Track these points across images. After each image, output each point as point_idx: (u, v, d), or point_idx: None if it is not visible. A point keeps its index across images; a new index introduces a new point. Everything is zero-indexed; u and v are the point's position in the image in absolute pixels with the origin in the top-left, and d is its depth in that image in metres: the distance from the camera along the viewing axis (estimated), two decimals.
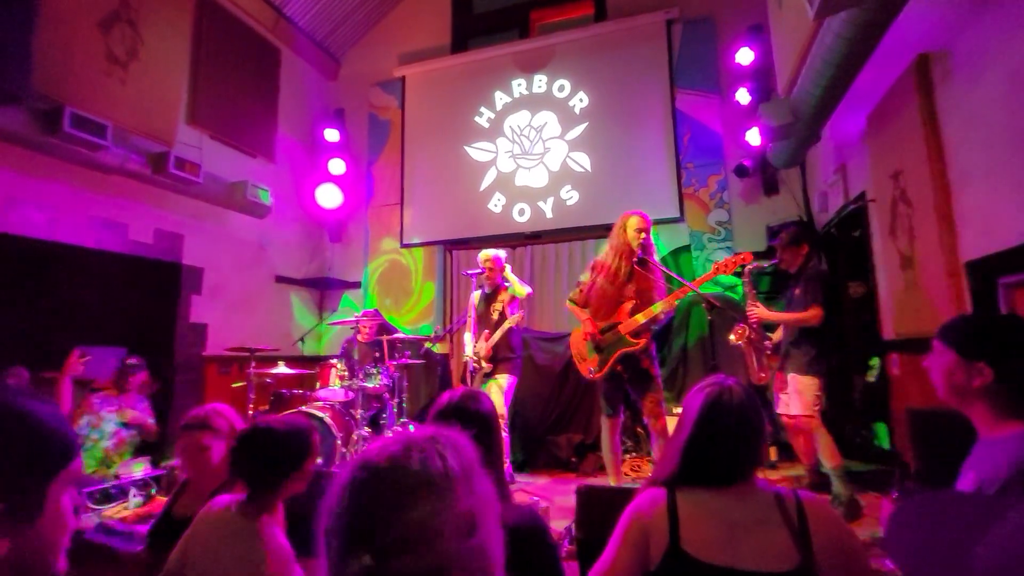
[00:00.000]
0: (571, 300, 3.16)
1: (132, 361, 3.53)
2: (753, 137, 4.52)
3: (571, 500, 2.06)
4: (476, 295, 3.53)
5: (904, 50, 2.76)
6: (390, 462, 0.59)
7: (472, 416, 1.35)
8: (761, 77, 4.67)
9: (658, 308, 2.83)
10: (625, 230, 2.95)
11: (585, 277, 3.09)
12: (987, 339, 1.05)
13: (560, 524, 2.56)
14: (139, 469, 3.22)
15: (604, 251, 3.08)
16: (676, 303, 2.89)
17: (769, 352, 3.07)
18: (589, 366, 2.99)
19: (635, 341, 2.83)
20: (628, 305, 2.89)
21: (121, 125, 3.81)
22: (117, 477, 3.16)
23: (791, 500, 1.03)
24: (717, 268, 2.90)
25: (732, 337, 3.03)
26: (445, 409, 1.39)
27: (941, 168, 2.55)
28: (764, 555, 0.96)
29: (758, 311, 3.00)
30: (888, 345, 3.36)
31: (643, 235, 2.92)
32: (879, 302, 3.47)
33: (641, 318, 2.83)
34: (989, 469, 0.97)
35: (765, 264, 3.11)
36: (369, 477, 0.59)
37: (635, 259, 2.90)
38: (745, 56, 4.69)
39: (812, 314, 2.86)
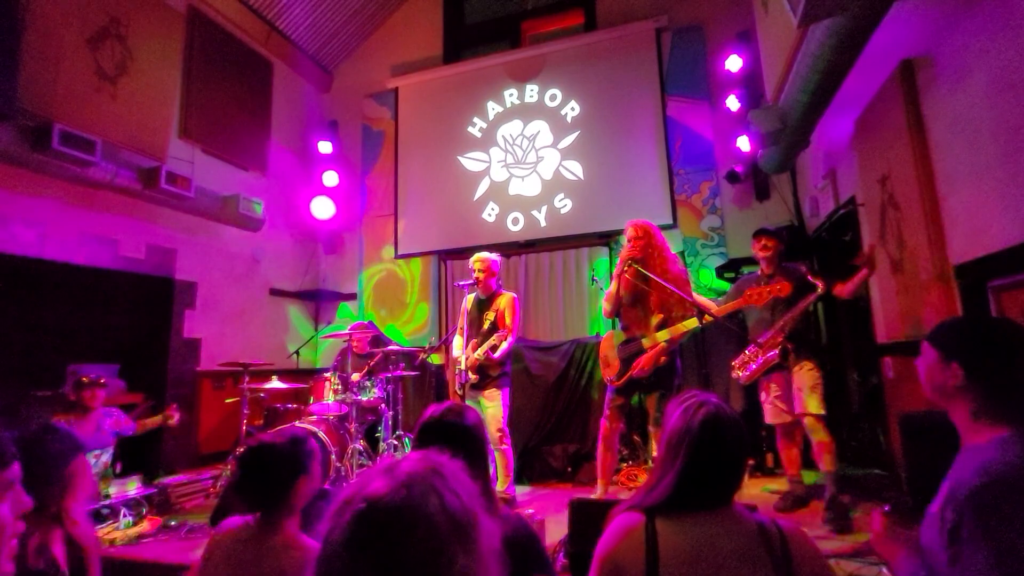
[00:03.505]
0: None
1: (88, 378, 3.16)
2: (744, 143, 4.54)
3: (566, 511, 2.04)
4: (470, 299, 3.52)
5: (888, 56, 2.78)
6: (405, 503, 0.53)
7: (457, 431, 1.34)
8: (750, 84, 4.70)
9: (665, 336, 2.90)
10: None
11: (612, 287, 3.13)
12: (961, 340, 1.04)
13: (556, 536, 2.53)
14: (132, 488, 3.17)
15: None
16: (686, 330, 2.89)
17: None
18: (610, 373, 3.05)
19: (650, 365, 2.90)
20: (655, 320, 2.94)
21: (111, 141, 3.82)
22: (109, 497, 3.11)
23: (774, 532, 0.97)
24: (749, 296, 2.82)
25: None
26: (430, 425, 1.37)
27: (928, 172, 2.56)
28: None
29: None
30: (881, 349, 3.36)
31: (632, 242, 2.95)
32: (872, 306, 3.47)
33: (659, 338, 2.91)
34: (958, 478, 0.94)
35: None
36: (382, 521, 0.52)
37: (624, 269, 2.93)
38: (734, 63, 4.72)
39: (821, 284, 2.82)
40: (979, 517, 0.85)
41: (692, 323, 2.83)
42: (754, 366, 2.98)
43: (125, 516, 2.95)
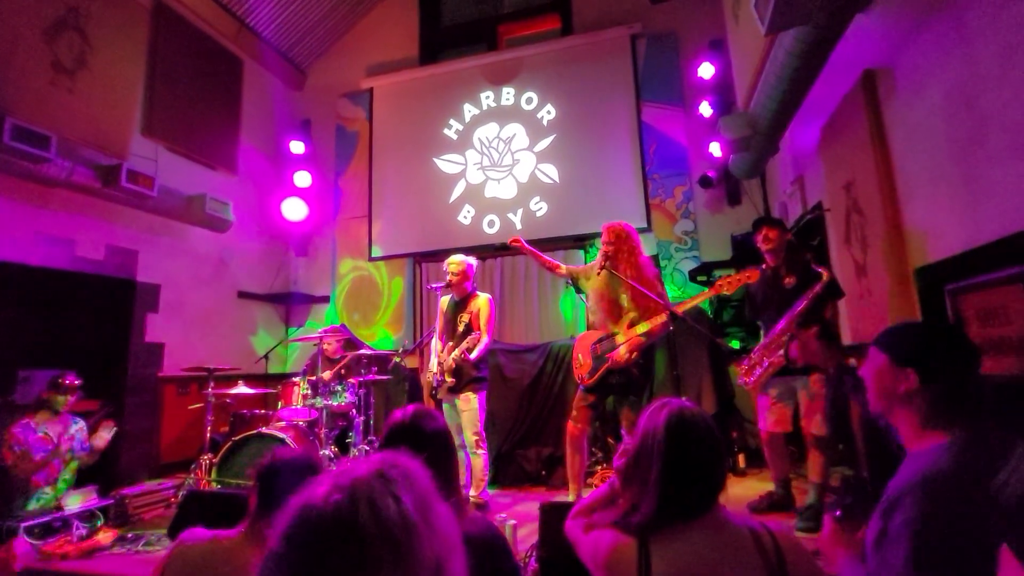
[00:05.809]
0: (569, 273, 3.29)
1: (70, 381, 3.25)
2: (716, 149, 4.62)
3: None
4: (445, 300, 3.48)
5: (852, 66, 2.86)
6: (336, 514, 0.50)
7: (424, 436, 1.31)
8: (722, 91, 4.80)
9: (641, 329, 2.84)
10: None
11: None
12: (916, 345, 1.05)
13: (528, 541, 2.50)
14: (76, 502, 3.01)
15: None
16: (666, 320, 2.79)
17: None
18: (583, 372, 3.01)
19: (627, 353, 2.85)
20: (628, 317, 2.90)
21: (68, 137, 3.66)
22: (60, 508, 2.96)
23: (767, 538, 0.95)
24: (720, 286, 2.69)
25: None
26: (396, 430, 1.34)
27: (889, 179, 2.64)
28: None
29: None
30: (847, 350, 3.44)
31: (603, 246, 2.97)
32: (838, 308, 3.55)
33: (634, 332, 2.84)
34: (896, 484, 0.95)
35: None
36: (315, 534, 0.50)
37: (600, 269, 2.94)
38: (706, 70, 4.82)
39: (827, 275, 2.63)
40: (905, 518, 0.88)
41: (642, 327, 2.81)
42: (759, 371, 2.74)
43: (78, 529, 2.80)
